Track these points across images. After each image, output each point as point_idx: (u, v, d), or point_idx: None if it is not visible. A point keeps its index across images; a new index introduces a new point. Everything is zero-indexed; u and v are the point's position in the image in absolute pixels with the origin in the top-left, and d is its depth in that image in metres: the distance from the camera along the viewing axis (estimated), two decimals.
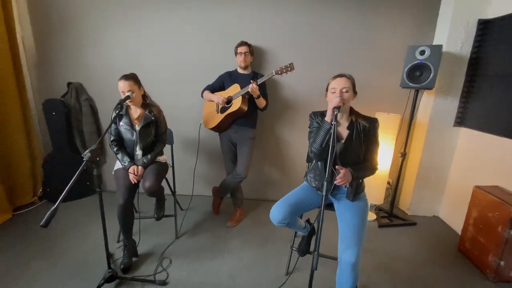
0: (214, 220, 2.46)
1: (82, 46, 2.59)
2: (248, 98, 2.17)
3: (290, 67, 1.98)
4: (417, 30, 2.42)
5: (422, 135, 2.52)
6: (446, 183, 2.58)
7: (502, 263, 1.77)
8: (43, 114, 2.58)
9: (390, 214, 2.57)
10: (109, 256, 1.63)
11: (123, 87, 1.73)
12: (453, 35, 2.24)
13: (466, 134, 2.38)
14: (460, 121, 2.40)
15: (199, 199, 2.76)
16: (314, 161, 1.56)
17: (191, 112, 2.63)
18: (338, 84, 1.34)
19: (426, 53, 2.06)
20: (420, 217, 2.64)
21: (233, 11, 2.46)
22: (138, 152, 1.88)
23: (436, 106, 2.41)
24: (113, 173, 1.94)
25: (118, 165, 1.94)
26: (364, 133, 1.41)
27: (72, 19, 2.54)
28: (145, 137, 1.85)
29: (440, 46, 2.04)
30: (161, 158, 2.02)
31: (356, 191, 1.48)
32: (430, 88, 2.12)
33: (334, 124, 1.20)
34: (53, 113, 2.50)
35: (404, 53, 2.22)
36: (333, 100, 1.28)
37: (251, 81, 2.03)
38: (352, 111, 1.46)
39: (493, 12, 2.14)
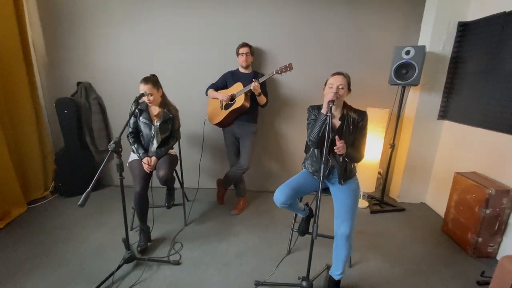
0: (219, 209, 2.64)
1: (91, 47, 2.74)
2: (250, 96, 2.36)
3: (289, 67, 2.16)
4: (404, 32, 2.64)
5: (409, 128, 2.74)
6: (431, 172, 2.81)
7: (480, 239, 2.00)
8: (54, 112, 2.71)
9: (381, 202, 2.78)
10: (128, 239, 1.79)
11: (144, 89, 1.90)
12: (436, 36, 2.46)
13: (449, 127, 2.61)
14: (443, 114, 2.62)
15: (204, 191, 2.94)
16: (311, 150, 1.76)
17: (195, 109, 2.80)
18: (336, 81, 1.53)
19: (411, 53, 2.27)
20: (409, 204, 2.86)
21: (235, 14, 2.64)
22: (154, 145, 2.06)
23: (422, 101, 2.63)
24: (127, 164, 2.10)
25: (132, 157, 2.10)
26: (353, 124, 1.61)
27: (80, 20, 2.67)
28: (162, 132, 2.04)
29: (423, 47, 2.25)
30: (171, 151, 2.19)
31: (348, 176, 1.68)
32: (416, 85, 2.33)
33: (329, 115, 1.39)
34: (65, 111, 2.65)
35: (391, 52, 2.43)
36: (328, 94, 1.47)
37: (253, 80, 2.21)
38: (345, 105, 1.66)
39: (472, 15, 2.36)
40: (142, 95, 1.87)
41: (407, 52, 2.29)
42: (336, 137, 1.47)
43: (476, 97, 2.28)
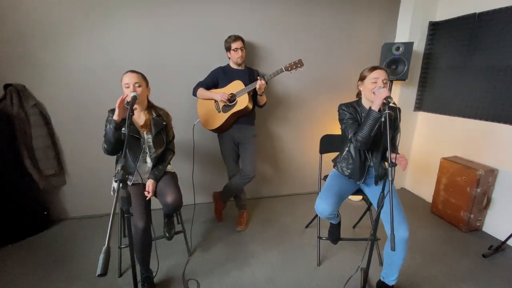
0: (221, 227, 2.29)
1: (24, 36, 1.98)
2: (252, 95, 2.09)
3: (299, 63, 1.97)
4: (382, 30, 2.75)
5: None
6: (409, 159, 3.06)
7: (472, 216, 2.23)
8: None
9: None
10: None
11: (131, 78, 1.45)
12: (412, 34, 2.64)
13: (423, 117, 2.87)
14: (419, 106, 2.87)
15: (196, 208, 2.50)
16: (345, 151, 1.63)
17: (180, 112, 2.35)
18: (380, 75, 1.43)
19: (401, 49, 2.37)
20: None
21: (219, 5, 2.29)
22: (148, 164, 1.59)
23: (401, 94, 2.82)
24: (112, 193, 1.58)
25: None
26: (391, 121, 1.55)
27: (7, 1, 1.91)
28: (158, 147, 1.58)
29: (411, 43, 2.38)
30: (169, 168, 1.75)
31: (383, 176, 1.61)
32: (404, 79, 2.46)
33: (387, 112, 1.27)
34: None
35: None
36: (381, 91, 1.35)
37: (258, 77, 1.95)
38: None
39: (440, 15, 2.62)
40: (135, 98, 1.40)
41: (397, 48, 2.38)
42: (392, 156, 1.36)
43: (446, 89, 2.55)
